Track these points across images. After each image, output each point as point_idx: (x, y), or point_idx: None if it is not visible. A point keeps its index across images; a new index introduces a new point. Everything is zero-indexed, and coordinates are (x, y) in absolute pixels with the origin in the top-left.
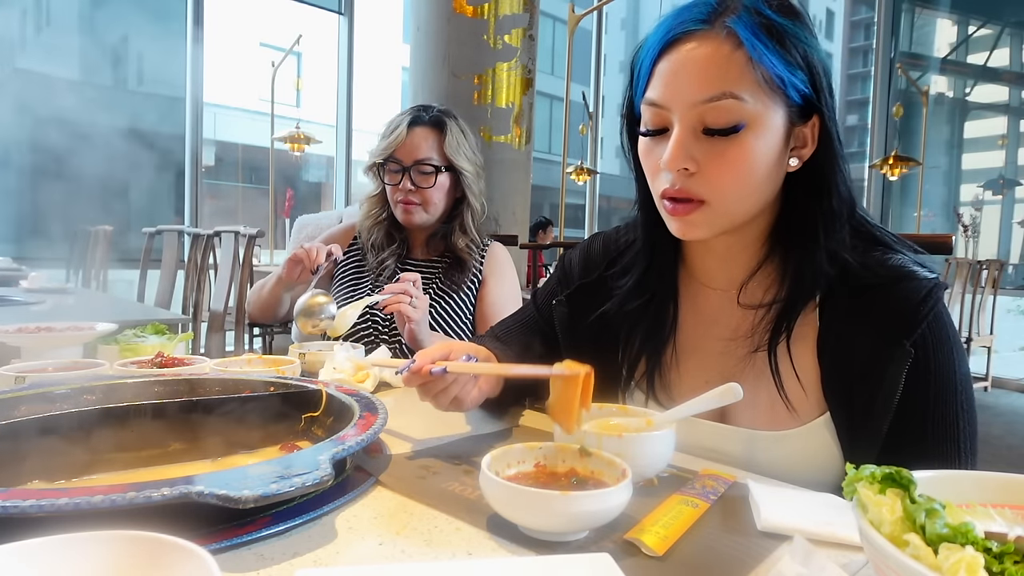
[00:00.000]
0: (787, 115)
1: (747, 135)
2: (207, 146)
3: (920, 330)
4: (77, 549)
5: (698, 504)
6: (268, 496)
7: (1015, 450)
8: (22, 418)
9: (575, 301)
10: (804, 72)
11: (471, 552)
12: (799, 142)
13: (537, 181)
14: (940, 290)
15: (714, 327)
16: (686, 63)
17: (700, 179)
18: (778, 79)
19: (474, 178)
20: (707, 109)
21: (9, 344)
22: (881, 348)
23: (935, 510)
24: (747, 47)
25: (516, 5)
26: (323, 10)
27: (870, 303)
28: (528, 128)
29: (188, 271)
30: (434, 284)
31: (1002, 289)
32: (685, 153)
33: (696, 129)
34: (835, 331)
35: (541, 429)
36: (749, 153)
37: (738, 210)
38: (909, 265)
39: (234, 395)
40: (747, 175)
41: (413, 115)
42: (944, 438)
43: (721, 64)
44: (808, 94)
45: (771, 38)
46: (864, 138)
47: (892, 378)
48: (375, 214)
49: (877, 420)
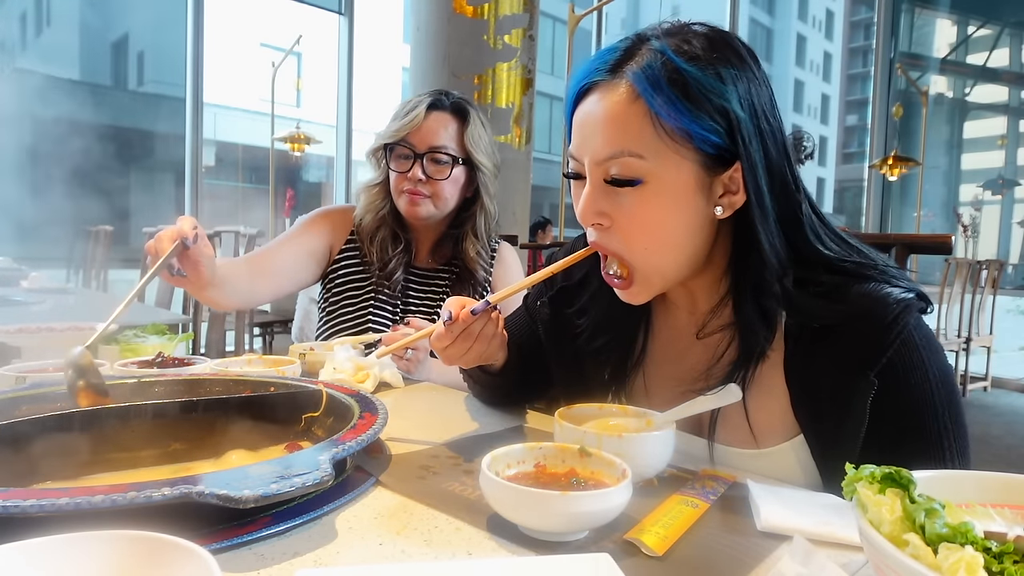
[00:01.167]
0: (699, 166)
1: (648, 190)
2: (207, 146)
3: (886, 358)
4: (78, 549)
5: (698, 504)
6: (268, 496)
7: (1015, 450)
8: (22, 418)
9: (557, 303)
10: (717, 122)
11: (471, 552)
12: (727, 188)
13: (537, 181)
14: (910, 312)
15: (682, 355)
16: (589, 117)
17: (614, 234)
18: (681, 132)
19: (491, 177)
20: (608, 164)
21: (10, 344)
22: (845, 379)
23: (935, 510)
24: (645, 101)
25: (516, 5)
26: (323, 10)
27: (834, 335)
28: (528, 128)
29: None
30: (441, 298)
31: (1002, 289)
32: (595, 207)
33: (602, 181)
34: (800, 358)
35: (541, 429)
36: (654, 208)
37: (664, 265)
38: (877, 292)
39: (234, 395)
40: (657, 229)
41: (433, 98)
42: (927, 453)
43: (619, 119)
44: (722, 144)
45: (675, 89)
46: (864, 138)
47: (858, 409)
48: (376, 206)
49: (848, 443)
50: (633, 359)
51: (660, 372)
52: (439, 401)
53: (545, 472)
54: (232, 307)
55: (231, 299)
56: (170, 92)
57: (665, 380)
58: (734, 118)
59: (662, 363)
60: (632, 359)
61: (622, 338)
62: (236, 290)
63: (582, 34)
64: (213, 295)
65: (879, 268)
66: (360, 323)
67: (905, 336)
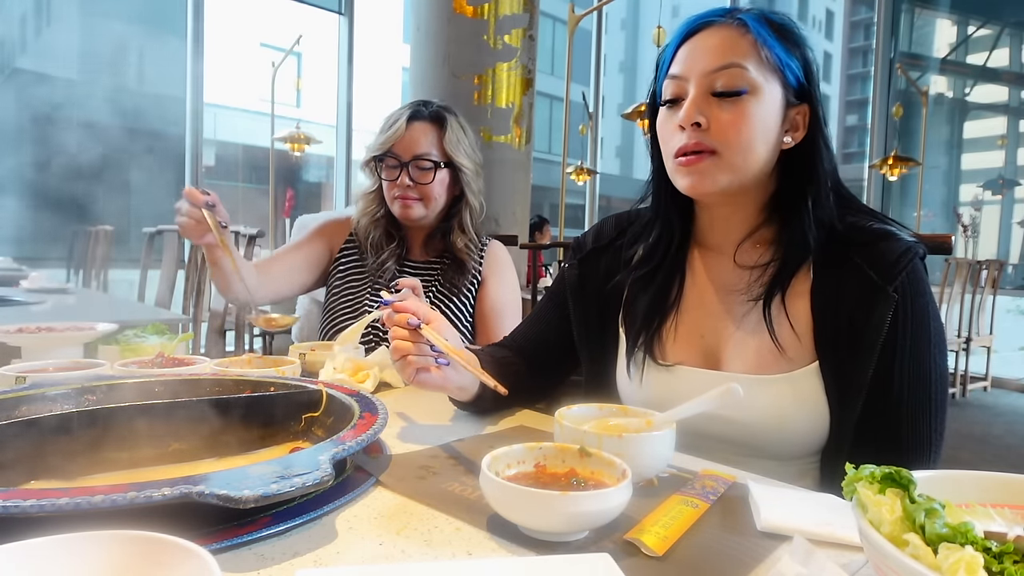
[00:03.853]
0: (783, 94)
1: (749, 99)
2: (207, 146)
3: (900, 279)
4: (78, 549)
5: (698, 504)
6: (268, 496)
7: (1015, 450)
8: (22, 418)
9: (587, 266)
10: (800, 62)
11: (471, 552)
12: (792, 125)
13: (537, 181)
14: (918, 248)
15: (713, 285)
16: (703, 42)
17: (710, 133)
18: (777, 59)
19: (473, 176)
20: (717, 76)
21: (10, 344)
22: (868, 294)
23: (935, 510)
24: (753, 33)
25: (516, 5)
26: (323, 10)
27: (857, 257)
28: (528, 128)
29: (188, 271)
30: (433, 287)
31: (1002, 289)
32: (698, 110)
33: (707, 93)
34: (827, 284)
35: (541, 429)
36: (751, 114)
37: (742, 164)
38: (891, 228)
39: (234, 395)
40: (749, 132)
41: (413, 110)
42: (917, 383)
43: (731, 43)
44: (802, 81)
45: (773, 31)
46: (864, 138)
47: (878, 321)
48: (372, 211)
49: (862, 365)
50: (670, 300)
51: (690, 319)
52: (439, 401)
53: (545, 472)
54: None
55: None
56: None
57: (694, 327)
58: (811, 65)
59: (693, 310)
60: (669, 300)
61: (669, 267)
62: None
63: (582, 34)
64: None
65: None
66: (357, 314)
67: (915, 265)
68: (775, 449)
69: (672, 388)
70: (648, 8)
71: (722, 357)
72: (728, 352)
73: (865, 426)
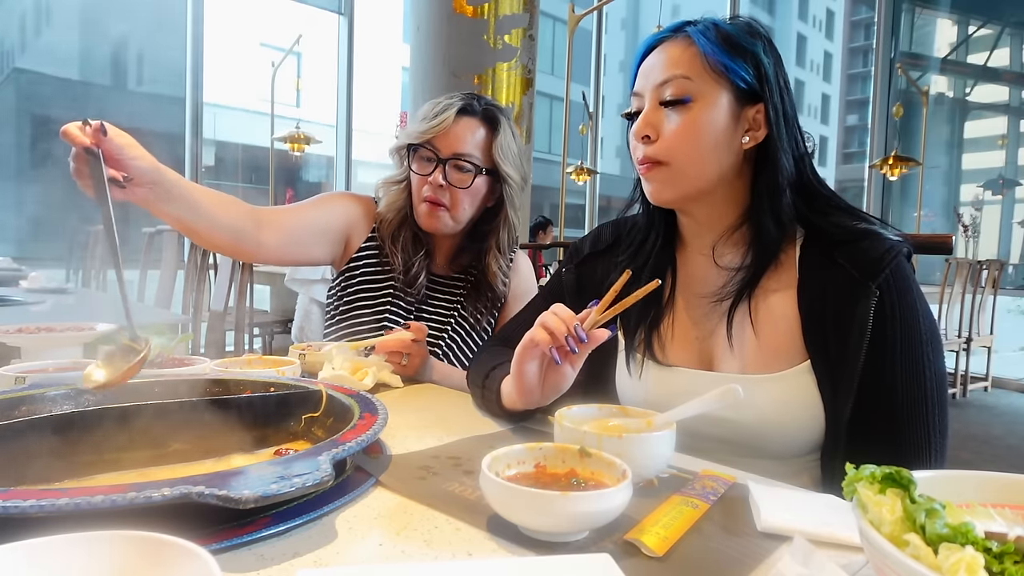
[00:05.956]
0: (733, 97)
1: (695, 106)
2: (207, 146)
3: (883, 275)
4: (78, 549)
5: (698, 505)
6: (268, 496)
7: (1015, 450)
8: (22, 418)
9: (584, 269)
10: (748, 63)
11: (471, 552)
12: (752, 125)
13: (537, 181)
14: (902, 246)
15: (698, 287)
16: (654, 59)
17: (660, 145)
18: (722, 65)
19: (517, 190)
20: (664, 88)
21: (9, 344)
22: (850, 292)
23: (935, 510)
24: (697, 44)
25: (516, 5)
26: (323, 10)
27: (841, 257)
28: (528, 128)
29: (188, 271)
30: (455, 311)
31: (1002, 289)
32: (647, 123)
33: (657, 104)
34: (813, 283)
35: (541, 429)
36: (697, 121)
37: (694, 172)
38: (876, 227)
39: (234, 395)
40: (696, 140)
41: (464, 103)
42: (911, 381)
43: (676, 56)
44: (751, 82)
45: (718, 38)
46: (864, 138)
47: (861, 318)
48: (398, 205)
49: (851, 362)
50: (663, 300)
51: (682, 320)
52: (439, 401)
53: (545, 472)
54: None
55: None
56: (170, 92)
57: (687, 328)
58: (761, 64)
59: (684, 311)
60: (662, 300)
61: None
62: (231, 226)
63: (582, 34)
64: (180, 213)
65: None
66: (376, 326)
67: (899, 262)
68: (773, 448)
69: (672, 388)
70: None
71: (715, 358)
72: (719, 353)
73: (863, 425)
